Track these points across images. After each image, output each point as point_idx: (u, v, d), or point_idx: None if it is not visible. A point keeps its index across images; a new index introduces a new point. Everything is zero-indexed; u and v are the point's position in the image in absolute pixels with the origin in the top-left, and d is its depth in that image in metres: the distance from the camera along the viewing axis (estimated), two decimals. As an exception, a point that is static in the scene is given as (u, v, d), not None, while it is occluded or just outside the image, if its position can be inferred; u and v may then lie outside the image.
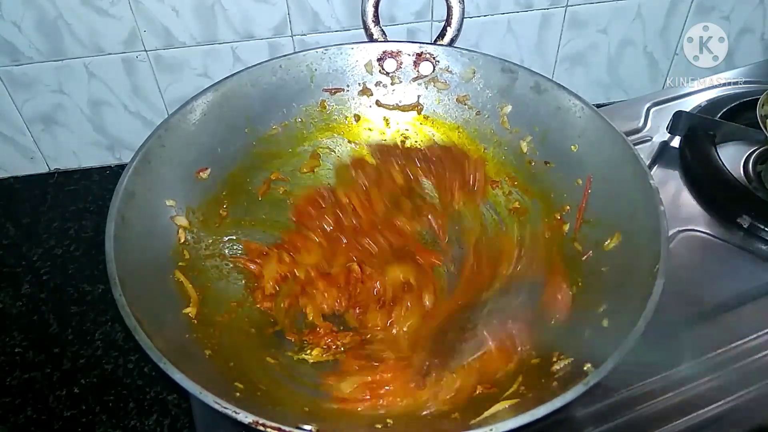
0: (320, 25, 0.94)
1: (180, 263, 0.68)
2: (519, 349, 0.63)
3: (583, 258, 0.70)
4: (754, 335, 0.70)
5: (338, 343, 0.69)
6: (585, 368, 0.54)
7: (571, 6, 1.00)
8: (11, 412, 0.76)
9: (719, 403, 0.65)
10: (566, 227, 0.74)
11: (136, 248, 0.62)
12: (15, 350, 0.82)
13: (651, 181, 0.65)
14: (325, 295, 0.73)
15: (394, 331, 0.70)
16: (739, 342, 0.70)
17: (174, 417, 0.75)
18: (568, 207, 0.75)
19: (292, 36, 0.95)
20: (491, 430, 0.48)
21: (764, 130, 0.82)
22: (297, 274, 0.74)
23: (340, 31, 0.95)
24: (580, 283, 0.69)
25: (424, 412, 0.60)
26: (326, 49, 0.80)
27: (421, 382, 0.62)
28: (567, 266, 0.71)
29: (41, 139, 0.99)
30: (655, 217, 0.63)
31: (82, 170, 1.04)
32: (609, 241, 0.68)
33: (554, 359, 0.60)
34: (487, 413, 0.54)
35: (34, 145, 1.00)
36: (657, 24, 1.05)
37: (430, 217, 0.80)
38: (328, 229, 0.78)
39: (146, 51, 0.92)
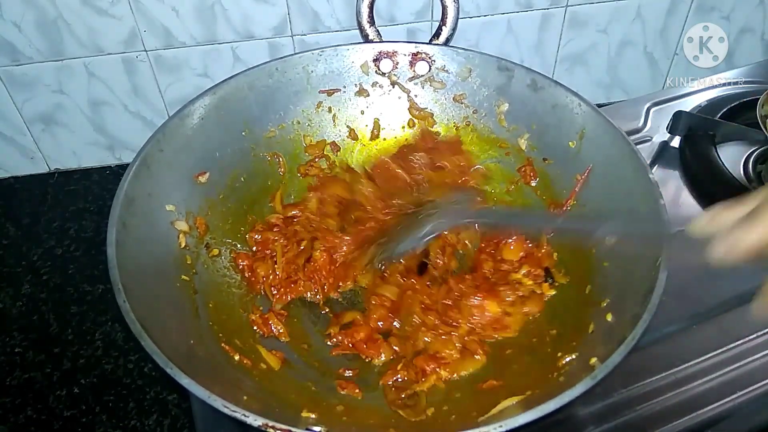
0: (320, 25, 0.94)
1: (182, 267, 0.68)
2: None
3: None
4: (754, 335, 0.71)
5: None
6: (591, 362, 0.54)
7: (571, 6, 1.00)
8: (11, 412, 0.76)
9: (719, 403, 0.65)
10: None
11: (138, 254, 0.62)
12: (15, 350, 0.81)
13: (650, 176, 0.65)
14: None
15: None
16: (739, 342, 0.70)
17: (174, 417, 0.75)
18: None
19: (292, 36, 0.95)
20: (500, 426, 0.48)
21: (764, 130, 0.82)
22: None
23: (341, 31, 0.95)
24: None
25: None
26: (322, 51, 0.80)
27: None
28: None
29: (41, 139, 0.99)
30: (656, 211, 0.63)
31: (82, 170, 1.04)
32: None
33: (559, 355, 0.60)
34: (494, 410, 0.55)
35: (34, 145, 1.00)
36: (657, 24, 1.05)
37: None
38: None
39: (146, 51, 0.92)
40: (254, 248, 0.76)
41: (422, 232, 0.69)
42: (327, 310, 0.74)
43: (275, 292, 0.73)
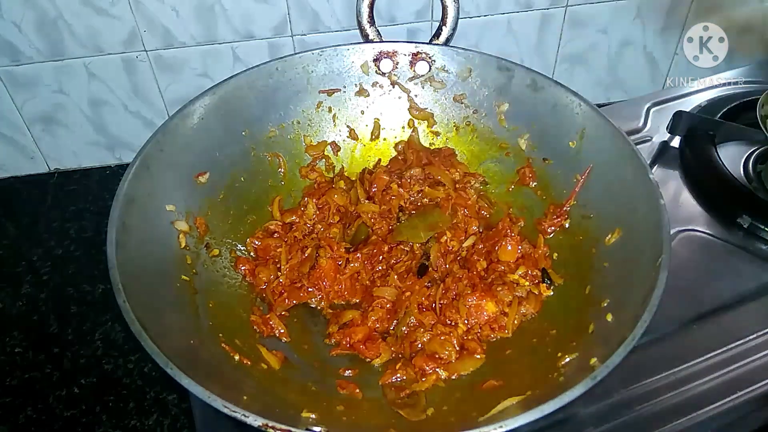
0: (320, 25, 0.94)
1: (182, 267, 0.68)
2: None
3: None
4: (754, 335, 0.71)
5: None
6: (591, 362, 0.54)
7: (571, 6, 1.00)
8: (11, 412, 0.76)
9: (719, 403, 0.65)
10: (566, 223, 0.75)
11: (138, 254, 0.62)
12: (15, 350, 0.81)
13: (651, 176, 0.65)
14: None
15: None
16: (739, 342, 0.70)
17: (174, 417, 0.75)
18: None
19: (292, 36, 0.95)
20: (500, 426, 0.48)
21: (764, 130, 0.82)
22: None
23: (341, 31, 0.95)
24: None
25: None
26: (322, 51, 0.81)
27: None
28: None
29: (41, 139, 0.99)
30: (656, 211, 0.63)
31: (82, 170, 1.04)
32: (610, 236, 0.68)
33: (559, 355, 0.60)
34: (494, 410, 0.55)
35: (34, 145, 1.00)
36: (657, 24, 1.05)
37: None
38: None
39: (146, 51, 0.92)
40: (254, 255, 0.76)
41: None
42: (329, 311, 0.74)
43: (277, 297, 0.73)
